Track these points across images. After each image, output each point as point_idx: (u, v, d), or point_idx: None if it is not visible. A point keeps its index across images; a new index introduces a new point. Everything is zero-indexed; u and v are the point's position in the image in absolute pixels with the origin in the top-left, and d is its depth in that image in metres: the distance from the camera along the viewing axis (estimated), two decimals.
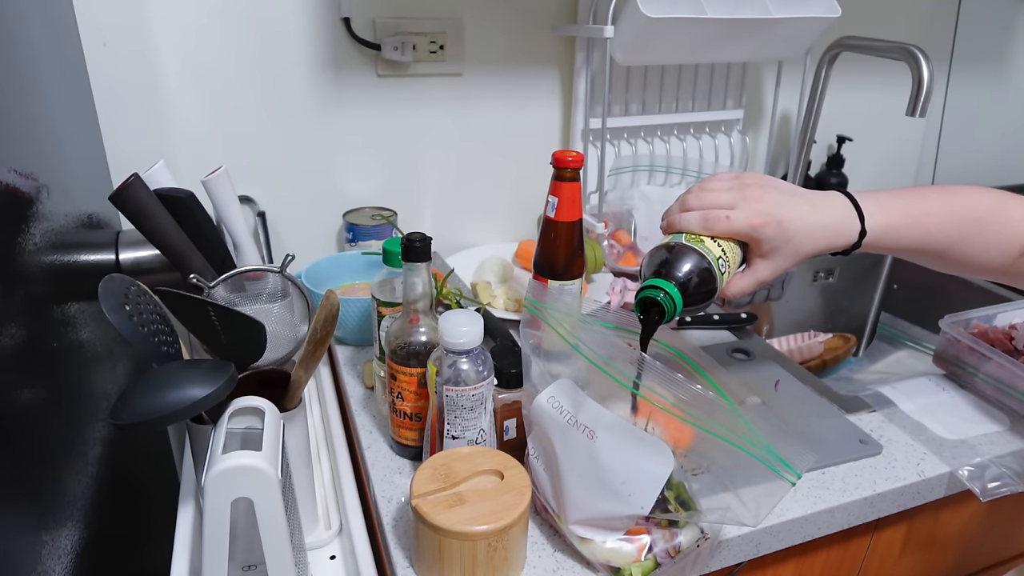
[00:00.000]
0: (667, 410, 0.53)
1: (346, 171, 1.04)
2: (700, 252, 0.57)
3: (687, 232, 0.60)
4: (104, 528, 0.61)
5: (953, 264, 0.66)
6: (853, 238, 0.61)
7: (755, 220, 0.59)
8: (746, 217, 0.59)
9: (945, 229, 0.63)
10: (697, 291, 0.57)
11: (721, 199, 0.60)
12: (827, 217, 0.60)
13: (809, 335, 1.21)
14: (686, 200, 0.62)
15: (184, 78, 0.91)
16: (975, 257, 0.65)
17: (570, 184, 0.71)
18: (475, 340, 0.58)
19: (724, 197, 0.60)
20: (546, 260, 0.75)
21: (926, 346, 1.19)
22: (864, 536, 0.74)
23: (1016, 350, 0.82)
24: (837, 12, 0.98)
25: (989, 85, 1.47)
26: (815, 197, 0.62)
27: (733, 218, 0.58)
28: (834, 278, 1.27)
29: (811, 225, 0.60)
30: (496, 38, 1.04)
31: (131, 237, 0.75)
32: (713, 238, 0.59)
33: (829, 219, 0.60)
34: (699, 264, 0.57)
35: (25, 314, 0.49)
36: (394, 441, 0.70)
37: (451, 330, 0.58)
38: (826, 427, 0.75)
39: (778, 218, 0.59)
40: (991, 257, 0.65)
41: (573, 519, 0.56)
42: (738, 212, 0.59)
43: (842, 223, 0.61)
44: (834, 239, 0.61)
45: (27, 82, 0.57)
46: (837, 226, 0.61)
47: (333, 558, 0.62)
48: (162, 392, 0.47)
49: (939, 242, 0.64)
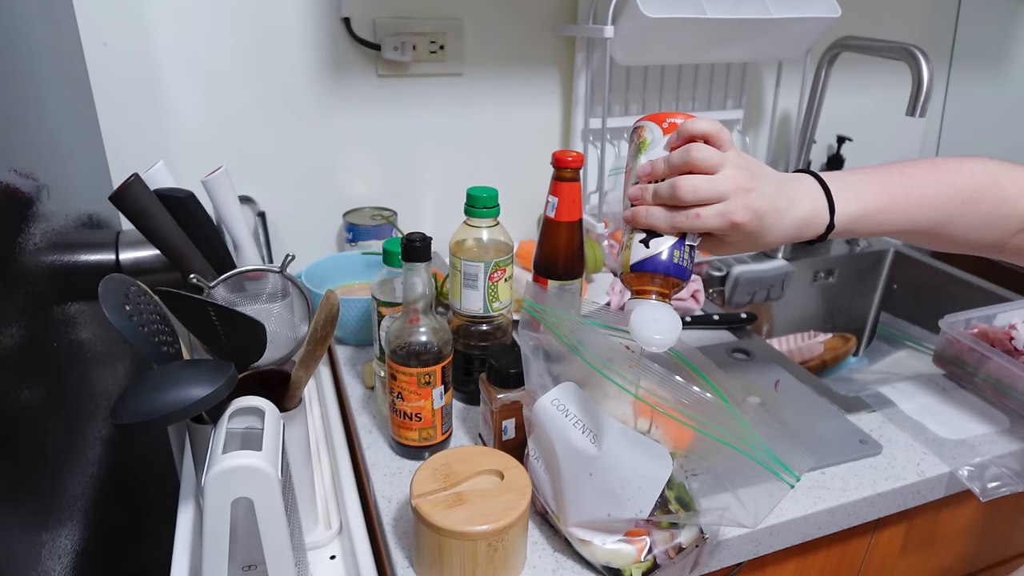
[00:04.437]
0: (666, 412, 0.53)
1: (346, 171, 1.04)
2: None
3: (648, 227, 0.55)
4: (104, 528, 0.61)
5: (940, 243, 0.63)
6: (820, 231, 0.58)
7: (736, 218, 0.53)
8: (727, 213, 0.53)
9: (928, 212, 0.60)
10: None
11: (707, 190, 0.53)
12: (801, 212, 0.57)
13: (809, 335, 1.21)
14: (658, 189, 0.54)
15: (184, 78, 0.91)
16: (965, 236, 0.62)
17: (570, 184, 0.71)
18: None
19: (708, 189, 0.53)
20: (546, 260, 0.75)
21: (926, 346, 1.19)
22: (864, 536, 0.74)
23: (1016, 350, 0.81)
24: (837, 12, 0.98)
25: (989, 85, 1.47)
26: (791, 188, 0.57)
27: (704, 216, 0.53)
28: (834, 278, 1.27)
29: (785, 222, 0.56)
30: (496, 38, 1.04)
31: (131, 237, 0.75)
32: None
33: (801, 214, 0.57)
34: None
35: (25, 314, 0.49)
36: (394, 441, 0.70)
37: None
38: (826, 427, 0.75)
39: (760, 214, 0.54)
40: (983, 235, 0.62)
41: (573, 521, 0.56)
42: (717, 208, 0.53)
43: (813, 217, 0.57)
44: (801, 234, 0.58)
45: (27, 82, 0.57)
46: (807, 220, 0.57)
47: (333, 558, 0.62)
48: (162, 392, 0.47)
49: (921, 225, 0.60)
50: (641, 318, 0.54)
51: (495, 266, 0.72)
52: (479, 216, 0.72)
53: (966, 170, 0.61)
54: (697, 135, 0.54)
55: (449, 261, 0.74)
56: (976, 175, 0.61)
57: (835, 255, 1.25)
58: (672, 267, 0.55)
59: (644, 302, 0.55)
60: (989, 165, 0.62)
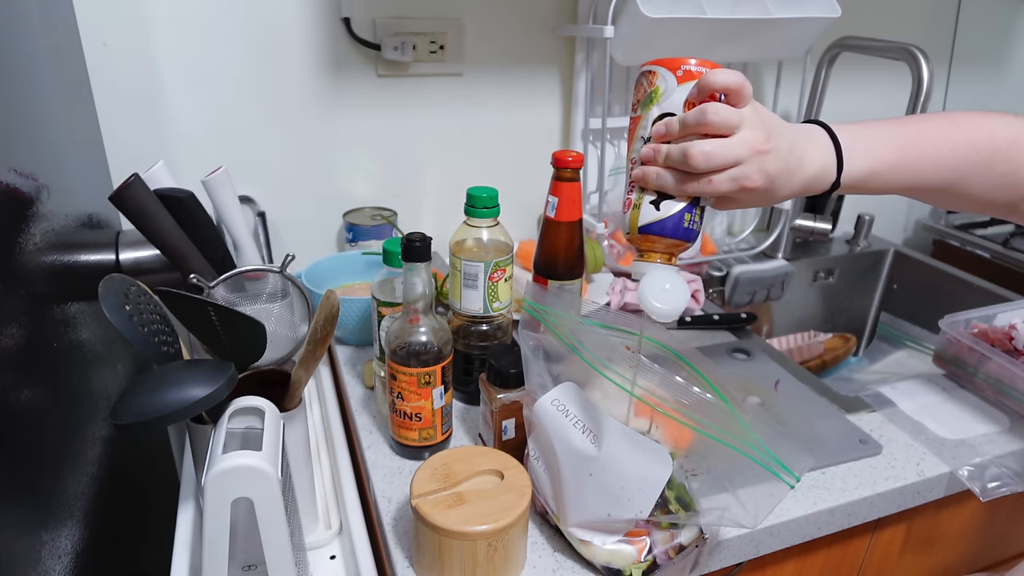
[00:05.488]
0: (666, 413, 0.53)
1: (346, 171, 1.04)
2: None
3: (659, 190, 0.53)
4: (104, 528, 0.61)
5: (950, 201, 0.62)
6: (826, 188, 0.57)
7: (750, 183, 0.51)
8: (740, 178, 0.51)
9: (940, 171, 0.58)
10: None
11: (720, 156, 0.50)
12: (810, 170, 0.55)
13: (809, 335, 1.21)
14: (671, 153, 0.52)
15: (184, 78, 0.91)
16: (978, 196, 0.60)
17: (570, 184, 0.71)
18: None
19: (721, 156, 0.50)
20: (546, 260, 0.75)
21: (926, 346, 1.19)
22: (864, 536, 0.74)
23: (1016, 350, 0.81)
24: (837, 12, 0.98)
25: (989, 85, 1.47)
26: (803, 145, 0.55)
27: (716, 182, 0.51)
28: (834, 278, 1.27)
29: (794, 180, 0.55)
30: (496, 38, 1.04)
31: (131, 237, 0.75)
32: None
33: (810, 172, 0.55)
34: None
35: (25, 314, 0.49)
36: (394, 441, 0.70)
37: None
38: (826, 427, 0.75)
39: (772, 176, 0.53)
40: (996, 196, 0.60)
41: (573, 521, 0.56)
42: (730, 173, 0.51)
43: (820, 175, 0.56)
44: (808, 190, 0.57)
45: (27, 82, 0.57)
46: (815, 178, 0.56)
47: (333, 558, 0.62)
48: (162, 392, 0.47)
49: (933, 183, 0.58)
50: (651, 286, 0.53)
51: (495, 266, 0.72)
52: (479, 216, 0.72)
53: (986, 128, 0.58)
54: (718, 89, 0.51)
55: (449, 261, 0.74)
56: (996, 134, 0.58)
57: (835, 255, 1.25)
58: (682, 231, 0.54)
59: (653, 266, 0.54)
60: (1012, 123, 0.59)
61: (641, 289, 0.53)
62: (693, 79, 0.53)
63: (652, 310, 0.53)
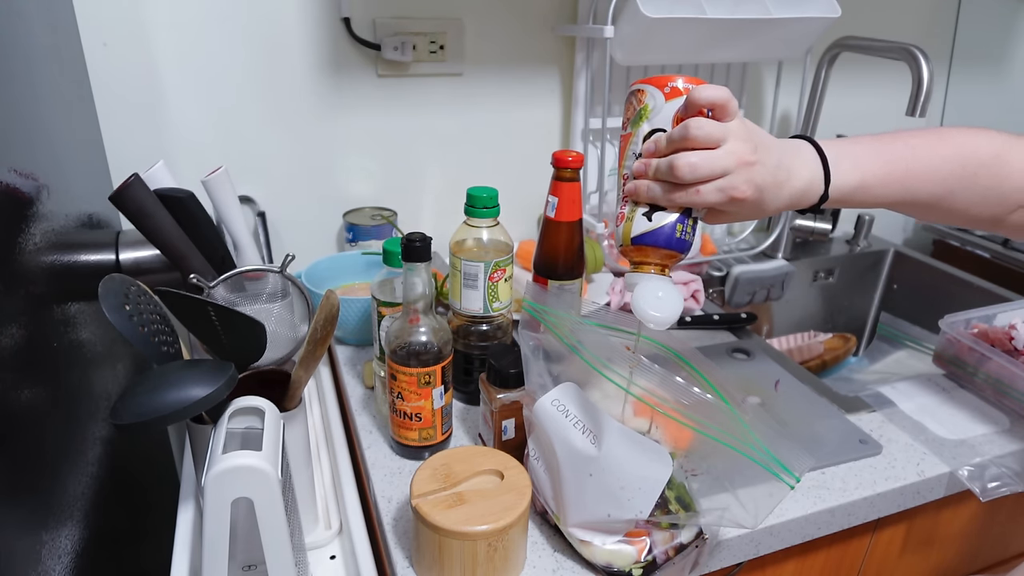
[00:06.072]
0: (666, 413, 0.53)
1: (346, 171, 1.04)
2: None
3: (650, 202, 0.55)
4: (104, 528, 0.61)
5: (937, 216, 0.63)
6: (814, 202, 0.58)
7: (738, 194, 0.52)
8: (728, 189, 0.52)
9: (928, 186, 0.59)
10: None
11: (705, 168, 0.52)
12: (797, 184, 0.56)
13: (809, 335, 1.21)
14: (659, 166, 0.53)
15: (184, 78, 0.91)
16: (964, 210, 0.61)
17: (570, 184, 0.71)
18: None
19: (706, 167, 0.52)
20: (546, 260, 0.75)
21: (926, 346, 1.19)
22: (864, 536, 0.74)
23: (1016, 350, 0.81)
24: (837, 12, 0.98)
25: (989, 85, 1.47)
26: (790, 159, 0.56)
27: (704, 192, 0.52)
28: (834, 278, 1.27)
29: (782, 194, 0.56)
30: (496, 38, 1.04)
31: (131, 237, 0.75)
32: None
33: (797, 186, 0.56)
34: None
35: (25, 314, 0.49)
36: (394, 441, 0.70)
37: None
38: (826, 427, 0.75)
39: (761, 188, 0.54)
40: (981, 211, 0.62)
41: (573, 521, 0.56)
42: (717, 184, 0.52)
43: (808, 189, 0.57)
44: (796, 205, 0.58)
45: (27, 83, 0.57)
46: (802, 193, 0.57)
47: (333, 558, 0.62)
48: (162, 392, 0.47)
49: (920, 198, 0.60)
50: (644, 295, 0.54)
51: (495, 266, 0.72)
52: (479, 216, 0.72)
53: (970, 144, 0.60)
54: (704, 104, 0.52)
55: (449, 261, 0.74)
56: (980, 149, 0.60)
57: (835, 255, 1.25)
58: (674, 241, 0.55)
59: (646, 276, 0.55)
60: (995, 139, 0.60)
61: (635, 298, 0.54)
62: (680, 96, 0.54)
63: (647, 318, 0.53)
